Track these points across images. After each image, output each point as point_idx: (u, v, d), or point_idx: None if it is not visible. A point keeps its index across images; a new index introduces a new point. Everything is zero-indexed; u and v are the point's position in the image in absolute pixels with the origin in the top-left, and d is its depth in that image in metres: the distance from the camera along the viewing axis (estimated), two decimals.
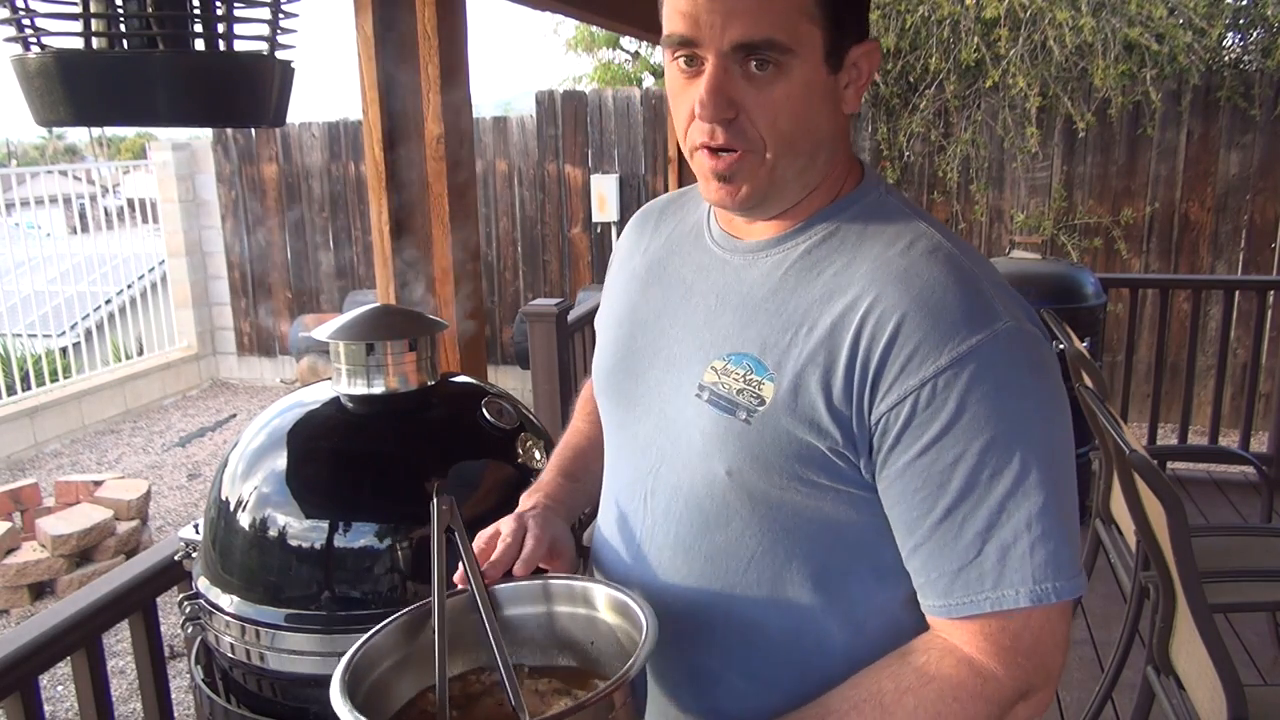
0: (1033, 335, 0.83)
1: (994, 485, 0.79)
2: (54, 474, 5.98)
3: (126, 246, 8.06)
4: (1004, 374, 0.79)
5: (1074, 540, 0.81)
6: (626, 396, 1.01)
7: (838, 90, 0.86)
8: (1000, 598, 0.80)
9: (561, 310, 3.56)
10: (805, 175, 0.89)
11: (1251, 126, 5.78)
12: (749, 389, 0.88)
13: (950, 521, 0.81)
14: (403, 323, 1.30)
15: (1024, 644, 0.81)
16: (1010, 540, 0.79)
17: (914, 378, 0.80)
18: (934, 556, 0.83)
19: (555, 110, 7.10)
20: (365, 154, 1.83)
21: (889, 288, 0.83)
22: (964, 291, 0.82)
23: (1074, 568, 0.81)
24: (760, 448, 0.87)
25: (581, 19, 4.64)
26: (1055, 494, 0.80)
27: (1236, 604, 2.42)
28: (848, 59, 0.85)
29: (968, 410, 0.79)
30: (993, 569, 0.80)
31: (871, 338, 0.82)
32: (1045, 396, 0.82)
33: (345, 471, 1.23)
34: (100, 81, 0.93)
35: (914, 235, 0.87)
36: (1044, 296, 3.65)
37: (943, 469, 0.80)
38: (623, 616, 0.91)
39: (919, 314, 0.81)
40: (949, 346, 0.79)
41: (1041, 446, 0.80)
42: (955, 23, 5.90)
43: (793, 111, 0.83)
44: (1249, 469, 4.13)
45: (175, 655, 3.43)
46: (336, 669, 0.84)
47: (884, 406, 0.81)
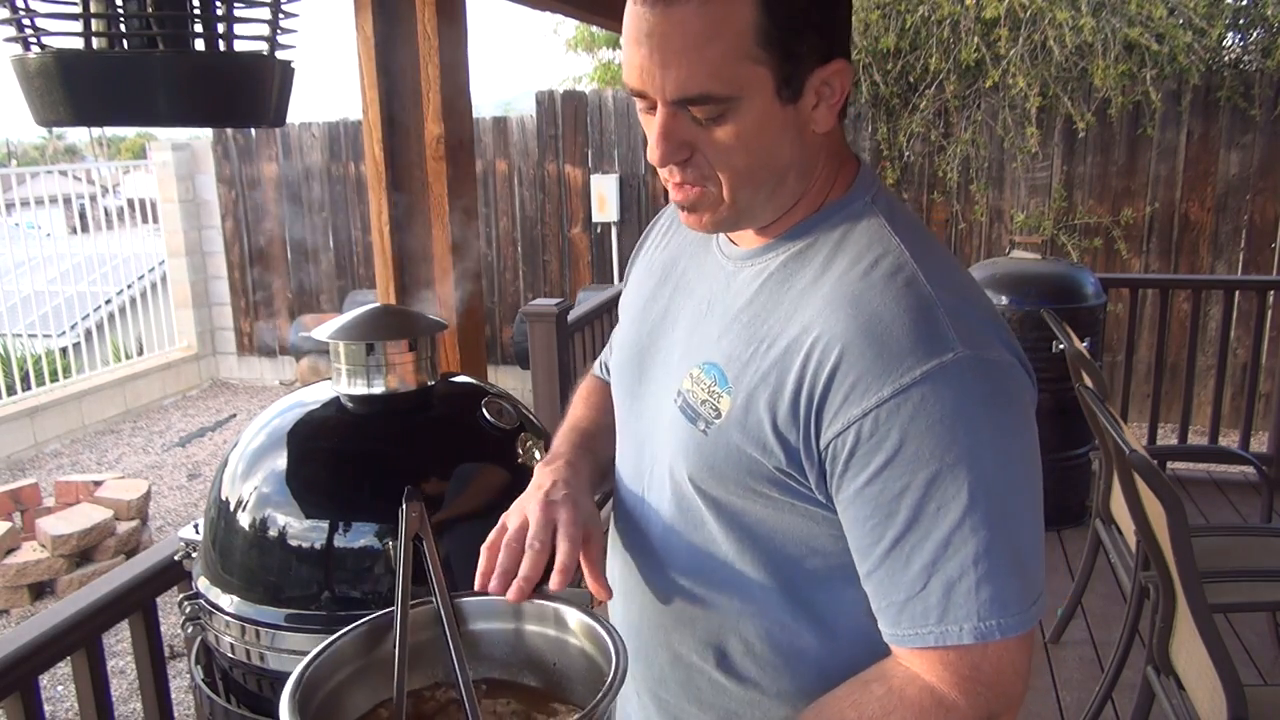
0: (990, 365, 0.79)
1: (940, 519, 0.78)
2: (54, 474, 5.98)
3: (126, 246, 8.06)
4: (951, 406, 0.77)
5: (1026, 575, 0.80)
6: (633, 392, 1.03)
7: (800, 117, 0.83)
8: (944, 633, 0.79)
9: (561, 310, 3.56)
10: (775, 198, 0.87)
11: (1251, 126, 5.78)
12: (710, 400, 0.88)
13: (898, 552, 0.80)
14: (403, 323, 1.29)
15: (984, 674, 0.80)
16: (955, 576, 0.78)
17: (856, 407, 0.79)
18: (883, 585, 0.82)
19: (555, 110, 7.10)
20: (365, 154, 1.83)
21: (840, 312, 0.81)
22: (914, 319, 0.79)
23: (1023, 602, 0.79)
24: (714, 459, 0.88)
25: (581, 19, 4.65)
26: (1005, 529, 0.78)
27: (1236, 604, 2.42)
28: (809, 84, 0.82)
29: (911, 441, 0.77)
30: (938, 604, 0.79)
31: (818, 365, 0.81)
32: (1000, 428, 0.79)
33: (345, 471, 1.23)
34: (100, 81, 0.93)
35: (880, 253, 0.84)
36: (1044, 296, 3.65)
37: (890, 499, 0.79)
38: (593, 644, 0.88)
39: (863, 342, 0.79)
40: (892, 377, 0.77)
41: (992, 480, 0.78)
42: (955, 23, 5.90)
43: (746, 149, 0.82)
44: (1249, 469, 4.13)
45: (175, 655, 3.43)
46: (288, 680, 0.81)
47: (830, 434, 0.81)
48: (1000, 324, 0.85)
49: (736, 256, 0.94)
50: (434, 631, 0.90)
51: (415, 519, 0.91)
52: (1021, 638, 0.80)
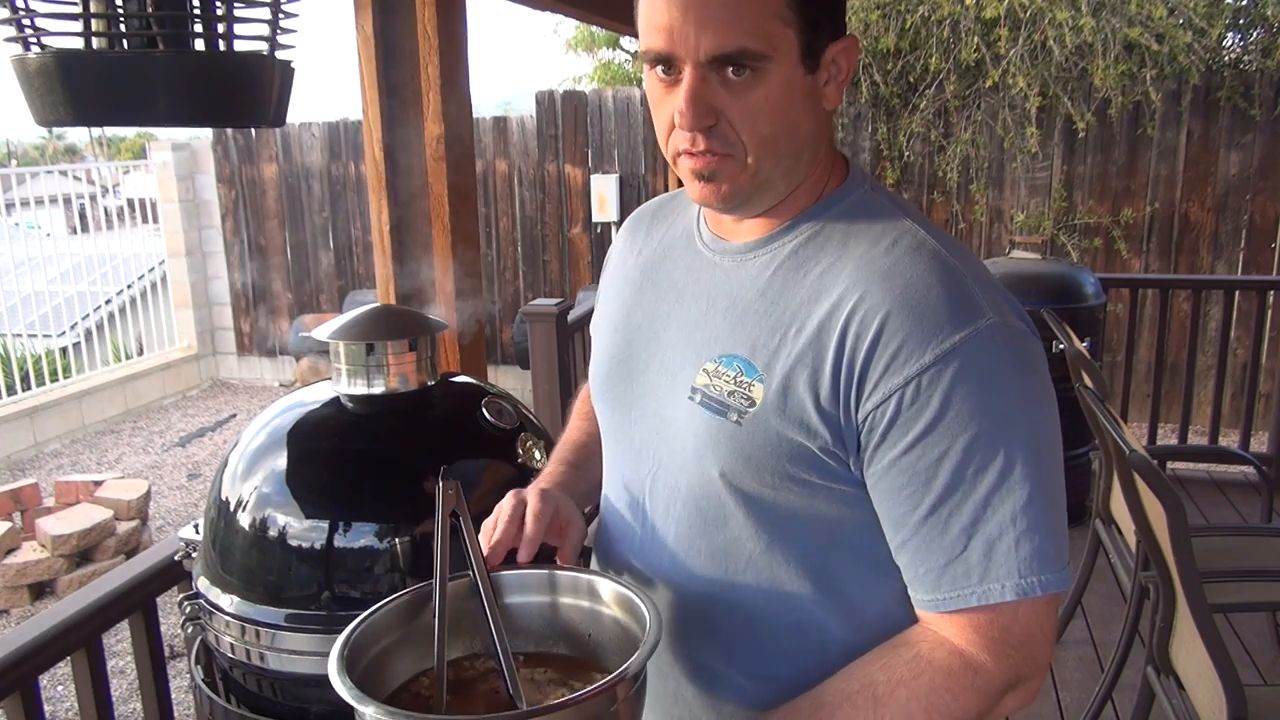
0: (1018, 331, 0.83)
1: (979, 481, 0.80)
2: (54, 474, 5.98)
3: (126, 246, 8.06)
4: (988, 370, 0.80)
5: (1060, 534, 0.83)
6: (622, 401, 1.02)
7: (817, 89, 0.86)
8: (986, 592, 0.81)
9: (561, 310, 3.56)
10: (790, 174, 0.89)
11: (1251, 126, 5.78)
12: (740, 390, 0.88)
13: (936, 517, 0.82)
14: (403, 323, 1.30)
15: (1013, 636, 0.82)
16: (995, 535, 0.80)
17: (898, 376, 0.80)
18: (921, 552, 0.84)
19: (555, 110, 7.10)
20: (365, 154, 1.83)
21: (873, 286, 0.83)
22: (948, 288, 0.82)
23: (1059, 561, 0.82)
24: (751, 449, 0.88)
25: (581, 19, 4.65)
26: (1041, 488, 0.81)
27: (1236, 604, 2.42)
28: (825, 57, 0.85)
29: (952, 407, 0.79)
30: (979, 563, 0.81)
31: (857, 337, 0.82)
32: (1030, 392, 0.83)
33: (345, 471, 1.23)
34: (100, 81, 0.93)
35: (899, 232, 0.87)
36: (1044, 296, 3.65)
37: (928, 465, 0.81)
38: (627, 612, 0.91)
39: (903, 312, 0.81)
40: (933, 344, 0.80)
41: (1026, 441, 0.81)
42: (955, 23, 5.90)
43: (773, 114, 0.84)
44: (1249, 469, 4.13)
45: (175, 655, 3.43)
46: (335, 644, 0.84)
47: (870, 405, 0.82)
48: (1013, 298, 0.88)
49: (734, 251, 0.94)
50: (472, 604, 0.92)
51: (451, 495, 0.92)
52: (1050, 600, 0.82)
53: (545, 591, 0.96)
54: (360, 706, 0.76)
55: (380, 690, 0.88)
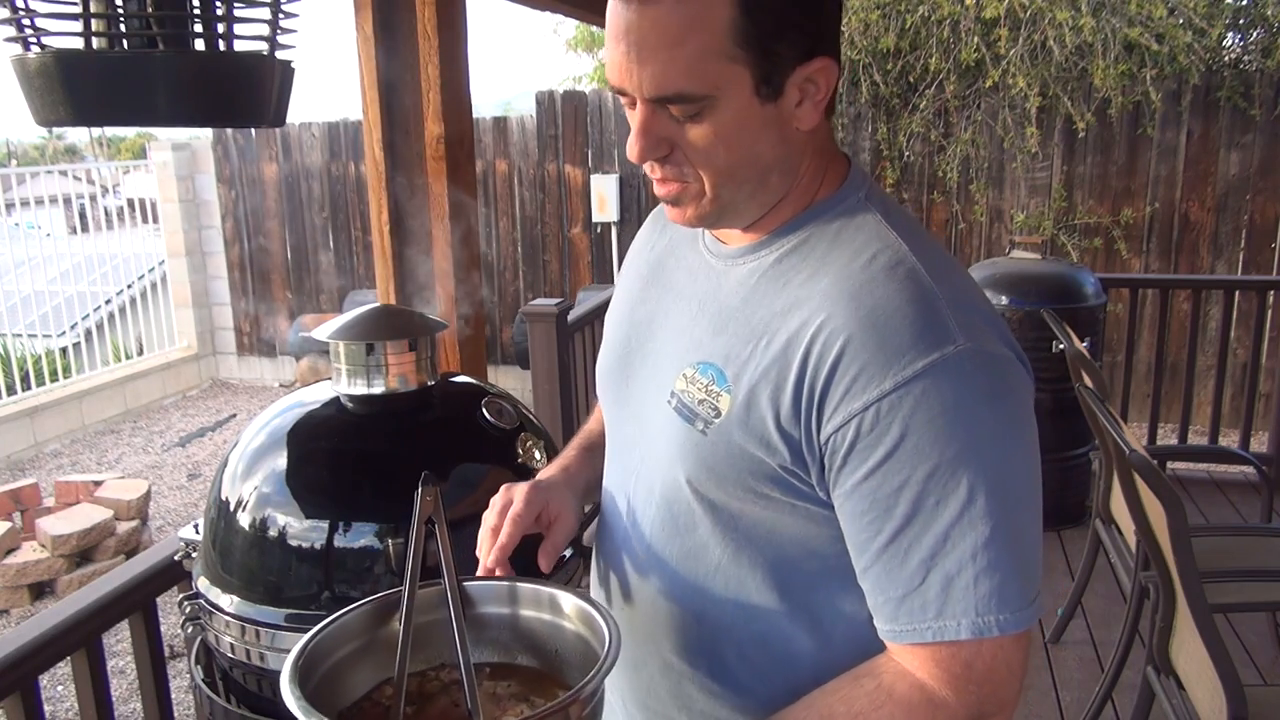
0: (991, 358, 0.79)
1: (939, 513, 0.77)
2: (54, 474, 5.98)
3: (126, 246, 8.06)
4: (952, 399, 0.77)
5: (1026, 572, 0.79)
6: (619, 397, 1.02)
7: (782, 115, 0.82)
8: (942, 628, 0.79)
9: (561, 310, 3.55)
10: (757, 197, 0.87)
11: (1251, 126, 5.78)
12: (708, 400, 0.87)
13: (896, 547, 0.79)
14: (403, 323, 1.29)
15: (976, 672, 0.80)
16: (954, 570, 0.78)
17: (858, 400, 0.78)
18: (880, 581, 0.81)
19: (555, 110, 7.10)
20: (365, 154, 1.83)
21: (841, 305, 0.81)
22: (916, 312, 0.79)
23: (1021, 599, 0.79)
24: (714, 460, 0.87)
25: (581, 19, 4.64)
26: (1005, 524, 0.78)
27: (1236, 604, 2.42)
28: (790, 80, 0.81)
29: (912, 435, 0.77)
30: (935, 598, 0.78)
31: (820, 357, 0.80)
32: (1000, 422, 0.79)
33: (345, 471, 1.23)
34: (100, 81, 0.93)
35: (879, 248, 0.83)
36: (1044, 296, 3.65)
37: (889, 493, 0.78)
38: (588, 627, 0.89)
39: (865, 334, 0.78)
40: (894, 369, 0.77)
41: (991, 474, 0.77)
42: (955, 23, 5.90)
43: (726, 147, 0.82)
44: (1249, 469, 4.13)
45: (175, 655, 3.43)
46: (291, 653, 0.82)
47: (830, 428, 0.80)
48: (998, 320, 0.84)
49: (725, 255, 0.93)
50: (439, 614, 0.91)
51: (429, 502, 0.91)
52: (1018, 637, 0.79)
53: (506, 603, 0.95)
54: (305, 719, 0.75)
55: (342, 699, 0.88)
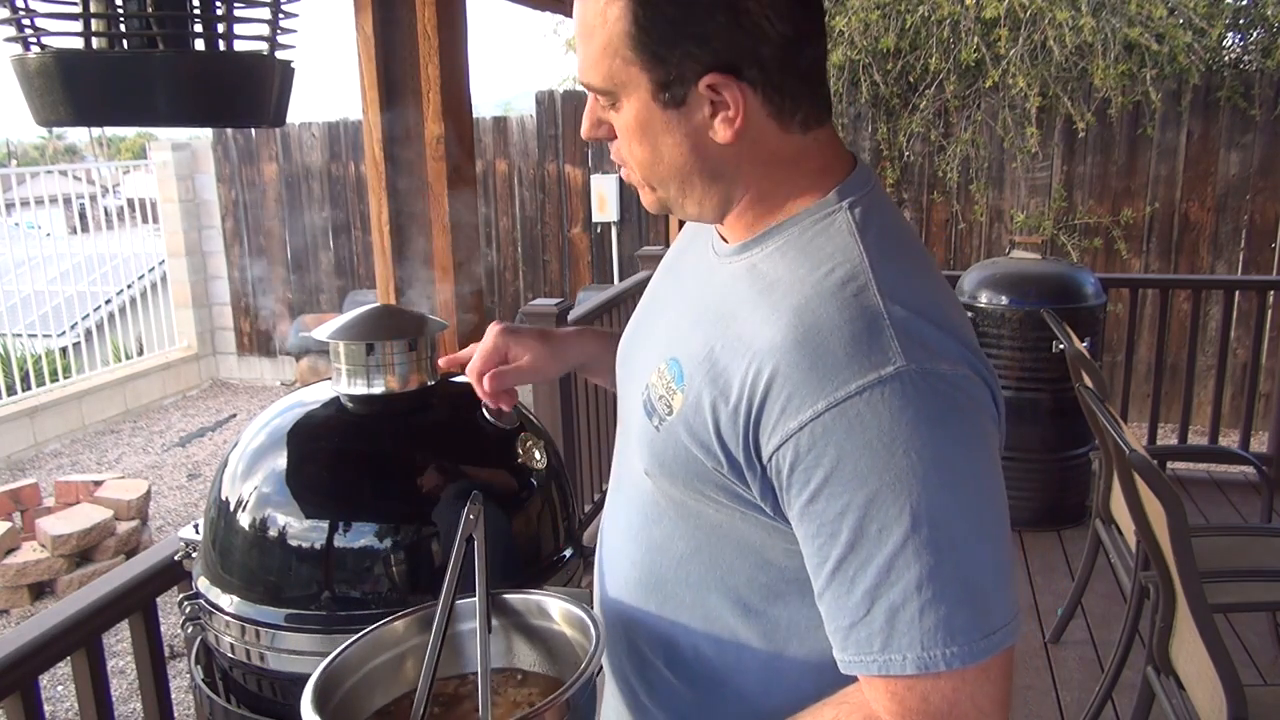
0: (937, 378, 0.76)
1: (882, 541, 0.74)
2: (54, 474, 5.98)
3: (126, 246, 8.06)
4: (888, 422, 0.74)
5: (979, 602, 0.75)
6: (623, 381, 1.05)
7: (692, 123, 0.83)
8: (888, 662, 0.76)
9: (561, 310, 3.55)
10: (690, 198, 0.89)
11: (1251, 126, 5.78)
12: (666, 396, 0.88)
13: (842, 575, 0.77)
14: (403, 323, 1.29)
15: (934, 706, 0.76)
16: (899, 602, 0.74)
17: (793, 420, 0.76)
18: (831, 608, 0.79)
19: (555, 110, 7.10)
20: (365, 154, 1.83)
21: (782, 321, 0.79)
22: (854, 331, 0.76)
23: (973, 632, 0.74)
24: (664, 456, 0.88)
25: None
26: (953, 553, 0.74)
27: (1236, 604, 2.42)
28: (692, 94, 0.81)
29: (848, 459, 0.75)
30: (880, 630, 0.76)
31: (756, 374, 0.79)
32: (945, 445, 0.75)
33: (345, 471, 1.23)
34: (100, 81, 0.93)
35: (838, 261, 0.81)
36: (1044, 296, 3.65)
37: (833, 518, 0.76)
38: (576, 629, 0.94)
39: (798, 354, 0.77)
40: (827, 390, 0.75)
41: (935, 501, 0.74)
42: (955, 23, 5.90)
43: (637, 142, 0.86)
44: (1249, 469, 4.13)
45: (175, 655, 3.43)
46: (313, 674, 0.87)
47: (771, 447, 0.79)
48: (964, 342, 0.81)
49: (721, 253, 0.94)
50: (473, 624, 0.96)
51: (473, 521, 0.95)
52: (982, 670, 0.75)
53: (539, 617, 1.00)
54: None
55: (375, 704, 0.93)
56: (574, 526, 1.31)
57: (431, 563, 1.14)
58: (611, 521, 1.03)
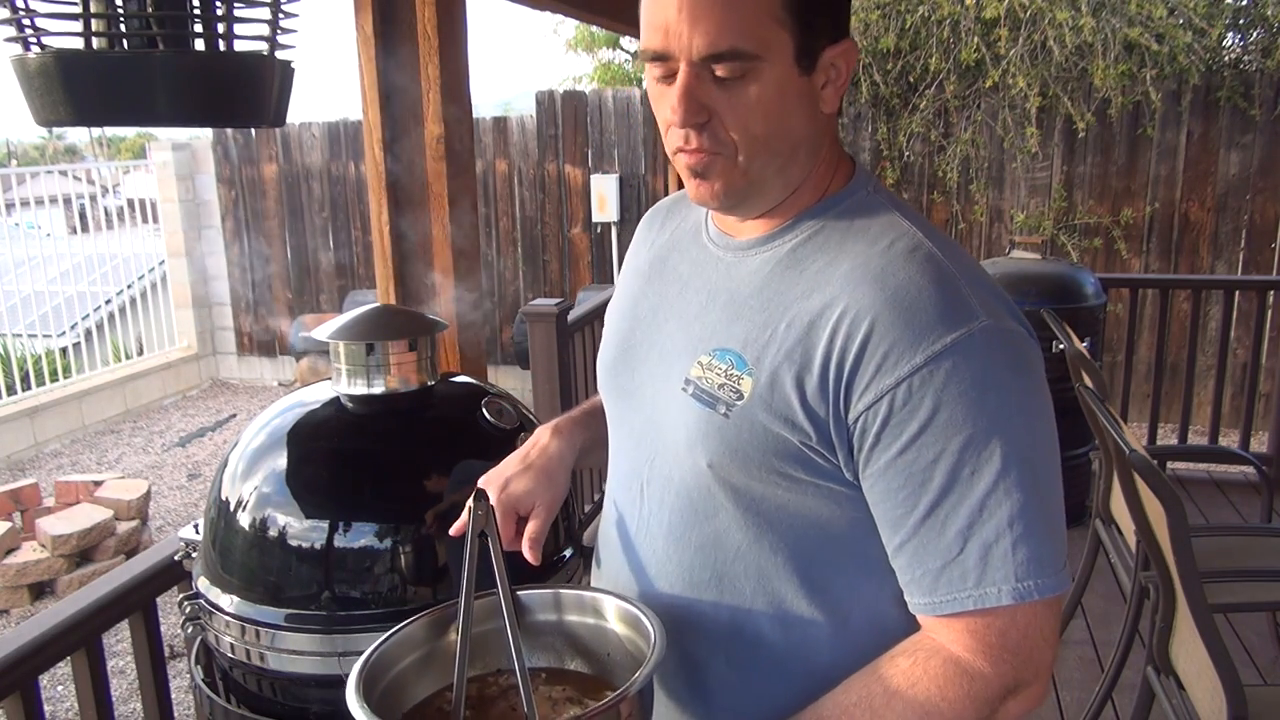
0: (1013, 333, 0.83)
1: (975, 483, 0.80)
2: (54, 474, 5.98)
3: (126, 246, 8.06)
4: (981, 371, 0.80)
5: (1057, 537, 0.83)
6: (624, 389, 1.04)
7: (813, 91, 0.87)
8: (983, 595, 0.81)
9: (561, 310, 3.56)
10: (785, 174, 0.90)
11: (1251, 126, 5.78)
12: (729, 383, 0.90)
13: (933, 519, 0.82)
14: (403, 323, 1.30)
15: (1011, 640, 0.82)
16: (992, 538, 0.80)
17: (889, 377, 0.81)
18: (918, 554, 0.83)
19: (555, 110, 7.10)
20: (365, 154, 1.83)
21: (865, 287, 0.84)
22: (940, 290, 0.82)
23: (1056, 564, 0.82)
24: (738, 441, 0.89)
25: (581, 19, 4.65)
26: (1037, 491, 0.81)
27: (1236, 604, 2.42)
28: (821, 60, 0.86)
29: (945, 408, 0.79)
30: (975, 566, 0.81)
31: (846, 337, 0.83)
32: (1025, 394, 0.82)
33: (345, 471, 1.23)
34: (100, 81, 0.93)
35: (895, 234, 0.87)
36: (1044, 296, 3.64)
37: (924, 466, 0.81)
38: (632, 628, 0.93)
39: (893, 313, 0.81)
40: (924, 345, 0.80)
41: (1022, 444, 0.81)
42: (955, 23, 5.90)
43: (765, 114, 0.85)
44: (1249, 469, 4.13)
45: (175, 655, 3.43)
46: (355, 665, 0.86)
47: (861, 406, 0.82)
48: (1009, 300, 0.88)
49: (736, 247, 0.96)
50: (494, 623, 0.95)
51: (481, 517, 0.95)
52: (1051, 602, 0.81)
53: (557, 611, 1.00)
54: None
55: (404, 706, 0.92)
56: (574, 526, 1.32)
57: (432, 563, 1.14)
58: (646, 530, 1.00)
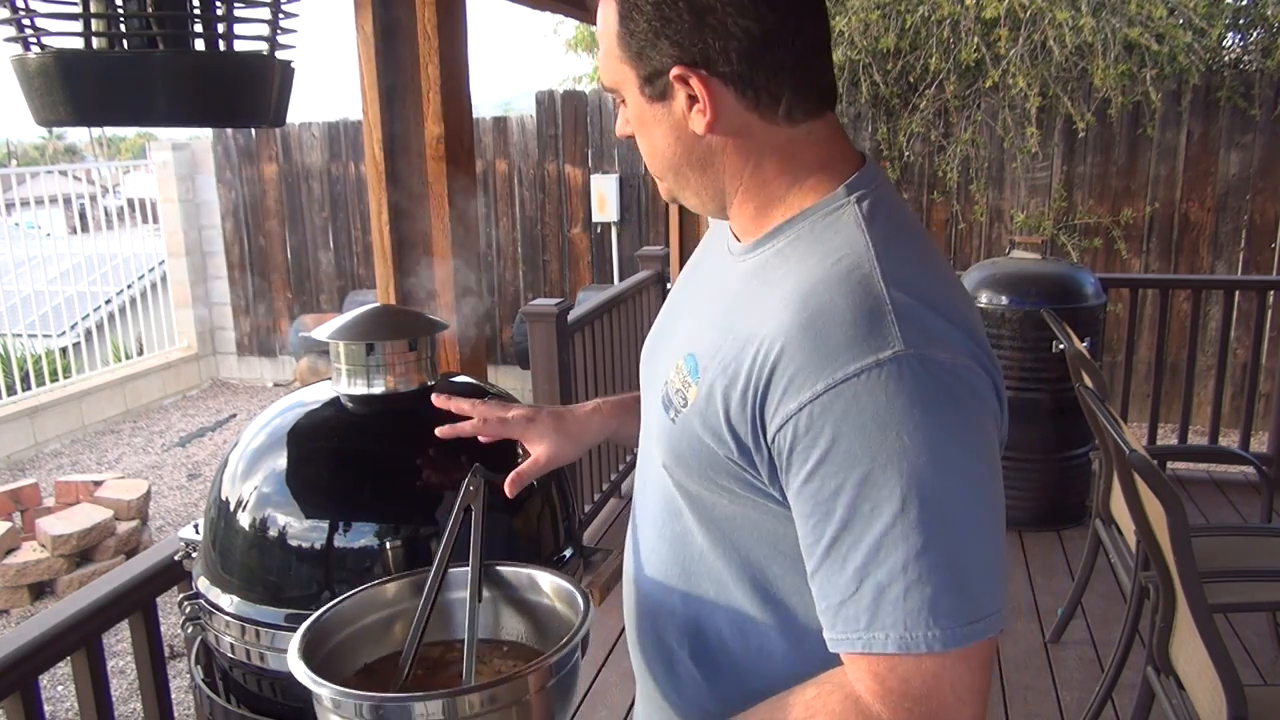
0: (935, 365, 0.77)
1: (873, 520, 0.76)
2: (54, 474, 5.98)
3: (126, 246, 8.06)
4: (884, 404, 0.76)
5: (965, 588, 0.76)
6: (645, 381, 1.08)
7: (674, 115, 0.90)
8: (871, 640, 0.77)
9: (561, 310, 3.56)
10: (688, 189, 0.95)
11: (1251, 126, 5.79)
12: (682, 390, 0.91)
13: (836, 551, 0.79)
14: (403, 323, 1.29)
15: (914, 689, 0.77)
16: (886, 581, 0.76)
17: (793, 402, 0.79)
18: (823, 586, 0.81)
19: (555, 110, 7.10)
20: (365, 154, 1.83)
21: (789, 308, 0.82)
22: (856, 316, 0.78)
23: (957, 617, 0.75)
24: (680, 447, 0.91)
25: (581, 19, 4.64)
26: (943, 535, 0.76)
27: (1236, 604, 2.42)
28: (670, 84, 0.88)
29: (844, 439, 0.76)
30: (867, 608, 0.77)
31: (763, 358, 0.81)
32: (937, 431, 0.76)
33: (345, 471, 1.23)
34: (100, 81, 0.93)
35: (843, 253, 0.84)
36: (1044, 296, 3.65)
37: (827, 496, 0.78)
38: (567, 604, 0.98)
39: (804, 336, 0.79)
40: (826, 372, 0.77)
41: (929, 483, 0.75)
42: (955, 23, 5.90)
43: (638, 135, 0.95)
44: (1249, 469, 4.13)
45: (175, 655, 3.43)
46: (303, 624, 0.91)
47: (773, 428, 0.81)
48: (968, 333, 0.82)
49: (736, 252, 0.97)
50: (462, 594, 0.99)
51: (472, 492, 1.00)
52: (964, 657, 0.76)
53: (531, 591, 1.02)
54: (316, 689, 0.83)
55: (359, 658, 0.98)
56: (574, 526, 1.31)
57: (432, 562, 1.14)
58: (641, 519, 1.06)
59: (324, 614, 0.95)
